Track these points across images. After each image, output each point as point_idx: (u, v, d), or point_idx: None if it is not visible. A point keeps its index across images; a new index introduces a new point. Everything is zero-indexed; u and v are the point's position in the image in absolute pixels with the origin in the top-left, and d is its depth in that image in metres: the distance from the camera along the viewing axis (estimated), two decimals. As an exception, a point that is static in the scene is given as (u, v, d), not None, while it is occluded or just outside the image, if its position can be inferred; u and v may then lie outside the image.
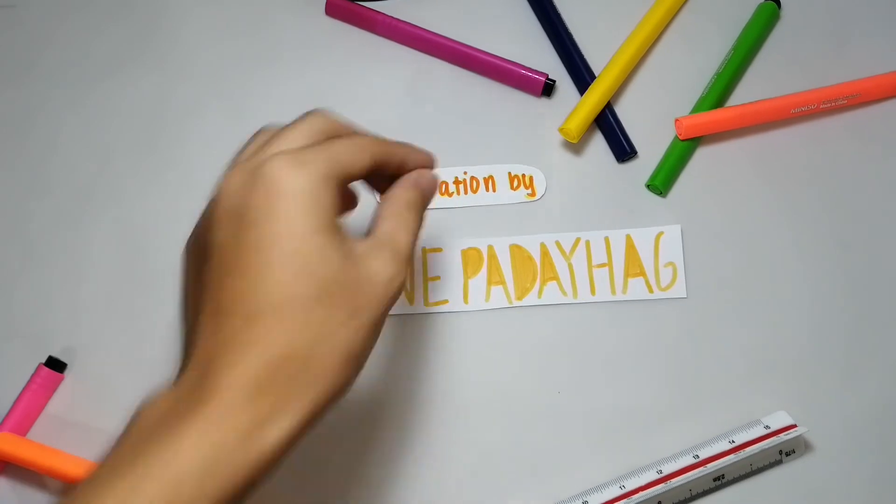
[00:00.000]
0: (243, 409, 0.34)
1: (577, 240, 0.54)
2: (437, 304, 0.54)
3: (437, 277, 0.54)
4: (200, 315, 0.37)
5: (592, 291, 0.54)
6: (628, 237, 0.54)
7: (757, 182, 0.56)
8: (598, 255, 0.54)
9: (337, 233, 0.37)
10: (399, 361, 0.52)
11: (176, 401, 0.35)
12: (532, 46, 0.59)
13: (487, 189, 0.56)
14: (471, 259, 0.54)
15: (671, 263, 0.54)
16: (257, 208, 0.36)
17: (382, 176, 0.42)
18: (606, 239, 0.54)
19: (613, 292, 0.53)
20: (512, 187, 0.56)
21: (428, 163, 0.44)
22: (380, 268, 0.38)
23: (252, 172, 0.37)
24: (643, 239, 0.54)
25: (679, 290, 0.53)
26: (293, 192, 0.36)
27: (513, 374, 0.52)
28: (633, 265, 0.54)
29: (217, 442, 0.34)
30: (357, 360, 0.37)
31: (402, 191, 0.42)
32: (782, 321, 0.53)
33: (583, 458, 0.50)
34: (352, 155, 0.39)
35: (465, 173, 0.56)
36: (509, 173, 0.56)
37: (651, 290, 0.53)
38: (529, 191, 0.56)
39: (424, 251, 0.55)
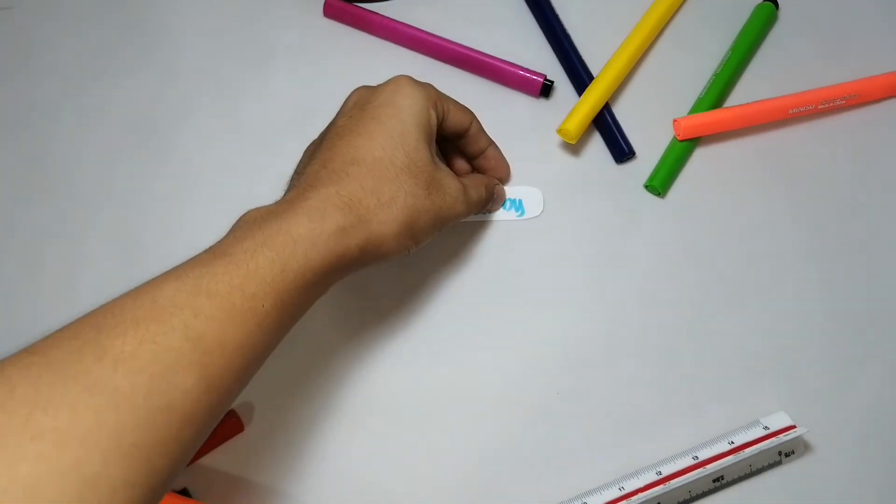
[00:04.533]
0: (335, 215, 0.42)
1: None
2: None
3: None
4: (309, 165, 0.44)
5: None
6: None
7: (755, 182, 0.56)
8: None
9: (432, 144, 0.47)
10: (397, 361, 0.52)
11: (278, 205, 0.42)
12: (530, 47, 0.59)
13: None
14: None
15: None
16: (380, 97, 0.46)
17: (459, 148, 0.52)
18: None
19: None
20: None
21: (505, 172, 0.55)
22: (453, 187, 0.47)
23: (377, 86, 0.47)
24: None
25: None
26: (411, 96, 0.46)
27: (512, 375, 0.52)
28: None
29: (318, 226, 0.41)
30: (416, 232, 0.45)
31: (487, 179, 0.52)
32: (781, 322, 0.53)
33: (582, 460, 0.50)
34: (457, 109, 0.49)
35: None
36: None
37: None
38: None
39: None
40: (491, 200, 0.52)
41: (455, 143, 0.52)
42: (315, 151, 0.46)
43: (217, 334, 0.37)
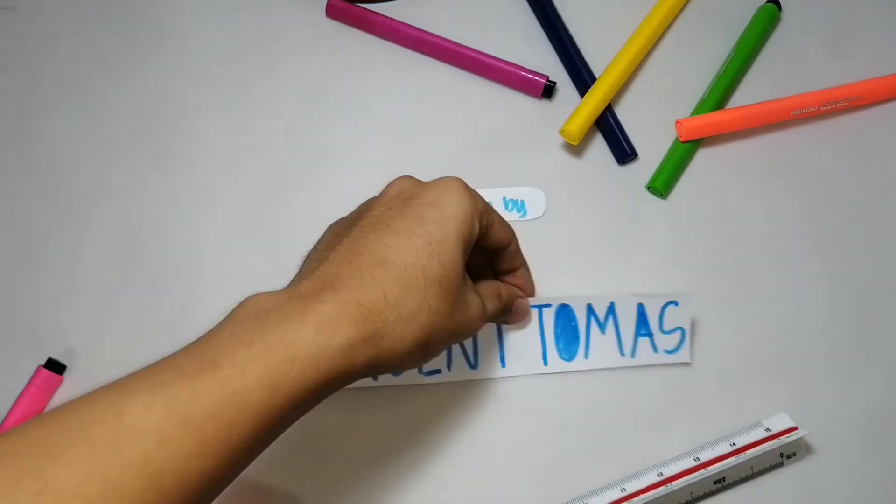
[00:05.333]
0: (348, 327, 0.38)
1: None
2: None
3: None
4: (332, 252, 0.41)
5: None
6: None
7: (757, 184, 0.56)
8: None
9: (466, 257, 0.43)
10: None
11: (289, 297, 0.38)
12: (532, 48, 0.59)
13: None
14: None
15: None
16: (426, 195, 0.42)
17: (491, 262, 0.49)
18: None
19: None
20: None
21: (530, 292, 0.51)
22: (475, 304, 0.43)
23: (425, 182, 0.43)
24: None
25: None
26: (460, 203, 0.42)
27: (513, 375, 0.52)
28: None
29: (325, 340, 0.37)
30: (429, 350, 0.41)
31: (501, 287, 0.48)
32: (783, 323, 0.53)
33: (583, 461, 0.50)
34: (501, 225, 0.46)
35: None
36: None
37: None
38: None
39: None
40: (509, 312, 0.49)
41: (488, 256, 0.48)
42: (342, 236, 0.42)
43: (180, 469, 0.33)
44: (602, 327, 0.51)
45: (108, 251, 0.55)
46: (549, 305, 0.51)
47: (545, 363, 0.51)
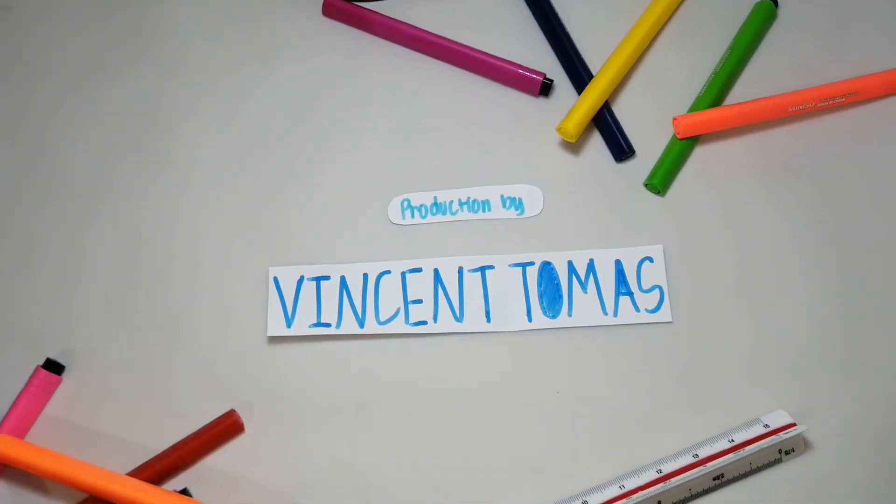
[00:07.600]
0: None
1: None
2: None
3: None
4: None
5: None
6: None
7: (755, 180, 0.56)
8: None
9: None
10: (397, 360, 0.52)
11: None
12: (529, 46, 0.59)
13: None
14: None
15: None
16: None
17: None
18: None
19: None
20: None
21: None
22: None
23: None
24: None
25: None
26: None
27: (512, 373, 0.52)
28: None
29: None
30: None
31: None
32: (782, 319, 0.53)
33: (582, 458, 0.50)
34: None
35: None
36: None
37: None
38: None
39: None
40: None
41: None
42: None
43: None
44: (584, 286, 0.53)
45: (108, 251, 0.55)
46: (531, 263, 0.53)
47: (529, 320, 0.52)
